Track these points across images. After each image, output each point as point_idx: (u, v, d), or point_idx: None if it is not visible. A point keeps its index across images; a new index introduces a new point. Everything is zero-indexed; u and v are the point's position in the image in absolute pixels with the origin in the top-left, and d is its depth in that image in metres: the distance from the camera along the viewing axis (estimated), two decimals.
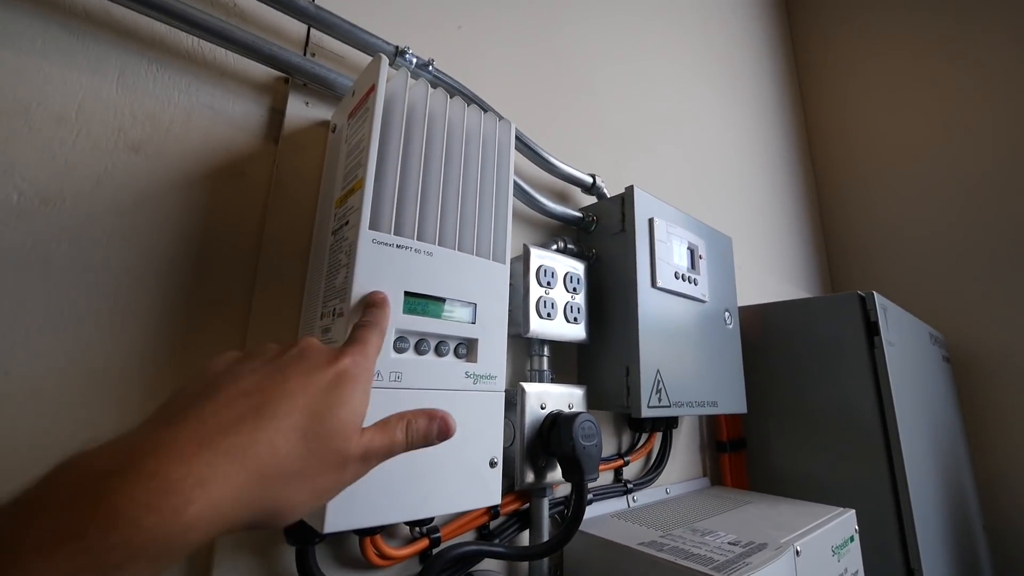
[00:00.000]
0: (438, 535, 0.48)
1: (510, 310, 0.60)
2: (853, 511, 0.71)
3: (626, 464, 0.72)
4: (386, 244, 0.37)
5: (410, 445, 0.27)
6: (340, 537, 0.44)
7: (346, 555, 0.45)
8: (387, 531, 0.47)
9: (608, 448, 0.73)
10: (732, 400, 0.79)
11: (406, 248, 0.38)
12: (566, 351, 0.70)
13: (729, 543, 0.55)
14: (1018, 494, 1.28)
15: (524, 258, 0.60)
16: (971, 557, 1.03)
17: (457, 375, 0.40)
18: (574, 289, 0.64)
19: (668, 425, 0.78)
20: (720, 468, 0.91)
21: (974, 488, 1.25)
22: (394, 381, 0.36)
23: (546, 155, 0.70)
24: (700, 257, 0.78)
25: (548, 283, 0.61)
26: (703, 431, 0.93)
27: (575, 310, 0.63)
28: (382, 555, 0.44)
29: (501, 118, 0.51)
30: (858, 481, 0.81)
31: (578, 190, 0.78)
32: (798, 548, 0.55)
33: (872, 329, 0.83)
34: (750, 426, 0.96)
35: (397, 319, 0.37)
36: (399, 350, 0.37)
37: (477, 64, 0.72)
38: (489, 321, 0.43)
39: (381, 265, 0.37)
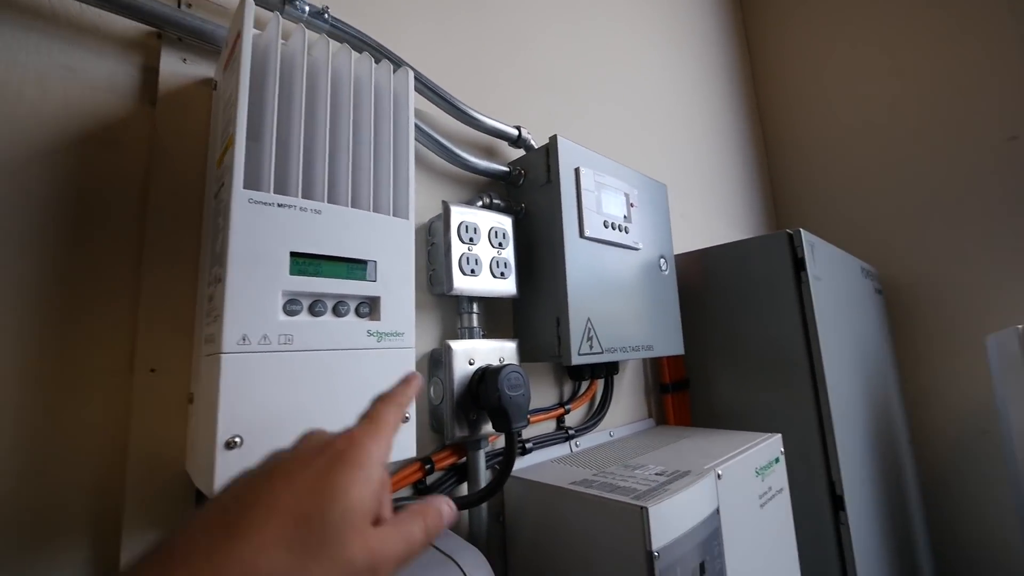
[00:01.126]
0: None
1: (434, 269, 0.60)
2: (779, 435, 0.76)
3: (567, 412, 0.74)
4: (265, 204, 0.35)
5: (428, 541, 0.23)
6: None
7: None
8: None
9: (549, 398, 0.75)
10: (669, 343, 0.81)
11: (290, 207, 0.37)
12: (499, 307, 0.70)
13: (656, 474, 0.58)
14: (940, 409, 1.39)
15: (444, 215, 0.59)
16: (895, 467, 1.12)
17: (359, 334, 0.39)
18: (499, 244, 0.63)
19: (609, 371, 0.80)
20: (664, 408, 0.95)
21: (902, 407, 1.35)
22: (284, 344, 0.35)
23: (466, 108, 0.68)
24: (632, 205, 0.78)
25: (471, 239, 0.60)
26: (647, 375, 0.97)
27: (501, 265, 0.63)
28: None
29: (399, 67, 0.48)
30: (788, 408, 0.86)
31: (505, 144, 0.77)
32: (719, 472, 0.58)
33: (799, 265, 0.87)
34: (692, 367, 1.00)
35: (284, 281, 0.36)
36: (290, 312, 0.36)
37: (388, 13, 0.68)
38: (392, 278, 0.42)
39: (260, 226, 0.35)
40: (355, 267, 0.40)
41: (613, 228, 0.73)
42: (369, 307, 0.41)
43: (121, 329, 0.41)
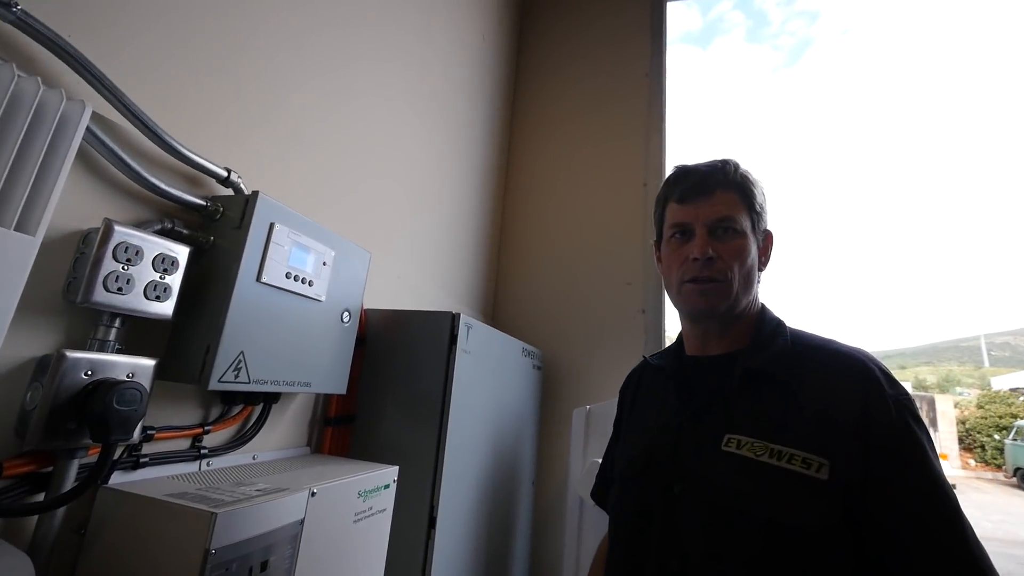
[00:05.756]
0: None
1: (75, 276, 0.62)
2: (396, 468, 0.97)
3: (206, 432, 0.80)
4: None
5: None
6: None
7: None
8: None
9: (192, 418, 0.80)
10: (330, 382, 0.97)
11: None
12: (155, 326, 0.73)
13: (257, 490, 0.69)
14: (559, 461, 1.91)
15: (103, 232, 0.62)
16: (509, 502, 1.49)
17: None
18: (165, 270, 0.69)
19: (267, 400, 0.90)
20: (323, 439, 1.08)
21: (534, 456, 1.81)
22: None
23: (173, 142, 0.73)
24: (324, 264, 0.94)
25: (128, 260, 0.64)
26: (318, 408, 1.09)
27: (160, 289, 0.68)
28: None
29: (71, 99, 0.53)
30: (421, 445, 1.10)
31: (214, 180, 0.83)
32: (314, 490, 0.74)
33: (453, 340, 1.15)
34: (364, 404, 1.17)
35: None
36: None
37: (112, 26, 0.70)
38: None
39: None
40: None
41: (296, 280, 0.86)
42: None
43: None
